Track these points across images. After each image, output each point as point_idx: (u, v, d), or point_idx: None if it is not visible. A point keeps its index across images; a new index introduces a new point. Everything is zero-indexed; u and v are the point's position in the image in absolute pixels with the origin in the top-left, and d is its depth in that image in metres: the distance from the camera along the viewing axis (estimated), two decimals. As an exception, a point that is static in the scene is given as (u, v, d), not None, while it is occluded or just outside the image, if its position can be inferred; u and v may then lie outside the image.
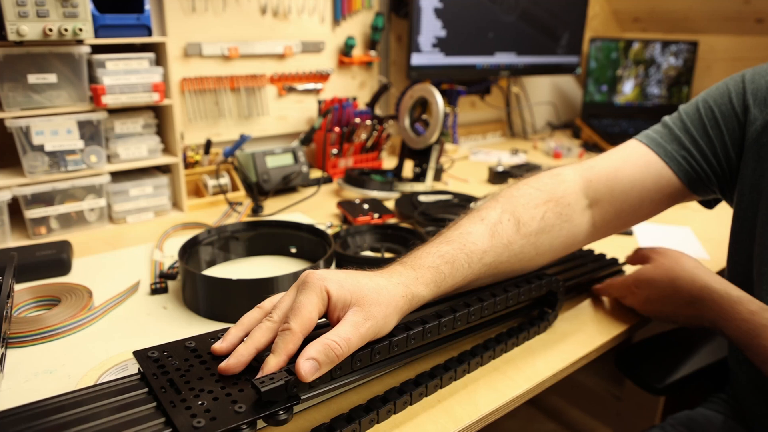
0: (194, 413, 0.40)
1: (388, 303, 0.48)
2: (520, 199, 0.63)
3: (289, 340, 0.44)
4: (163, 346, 0.48)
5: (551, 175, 0.67)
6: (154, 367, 0.45)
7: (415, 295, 0.51)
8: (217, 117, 1.28)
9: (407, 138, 1.27)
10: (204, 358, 0.47)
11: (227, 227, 0.87)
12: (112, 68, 0.95)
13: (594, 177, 0.67)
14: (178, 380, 0.43)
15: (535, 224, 0.62)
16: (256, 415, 0.41)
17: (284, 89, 1.37)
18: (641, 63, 1.94)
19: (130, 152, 1.01)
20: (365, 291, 0.48)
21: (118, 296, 0.74)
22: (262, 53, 1.31)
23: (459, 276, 0.55)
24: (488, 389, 0.58)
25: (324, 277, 0.47)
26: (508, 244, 0.60)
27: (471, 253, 0.57)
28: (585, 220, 0.67)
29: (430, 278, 0.53)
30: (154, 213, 1.06)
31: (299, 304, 0.46)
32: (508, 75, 1.68)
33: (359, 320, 0.46)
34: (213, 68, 1.25)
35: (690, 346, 0.84)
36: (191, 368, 0.45)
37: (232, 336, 0.48)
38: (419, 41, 1.45)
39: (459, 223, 0.61)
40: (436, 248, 0.56)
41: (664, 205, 0.68)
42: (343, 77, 1.48)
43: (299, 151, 1.25)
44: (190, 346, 0.48)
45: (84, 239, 0.95)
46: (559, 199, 0.64)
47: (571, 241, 0.66)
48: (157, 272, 0.81)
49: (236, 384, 0.44)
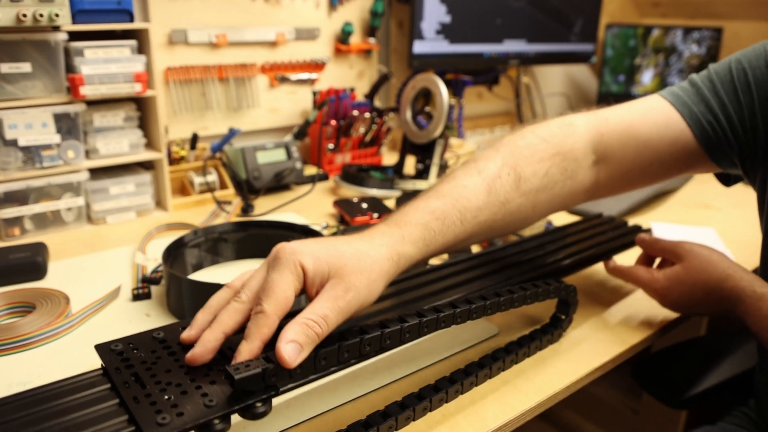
0: (159, 408, 0.39)
1: (371, 269, 0.47)
2: (524, 150, 0.62)
3: (263, 324, 0.43)
4: (129, 338, 0.47)
5: (561, 124, 0.66)
6: (118, 361, 0.44)
7: (402, 255, 0.50)
8: (204, 109, 1.28)
9: (409, 132, 1.27)
10: (173, 349, 0.46)
11: (215, 228, 0.87)
12: (90, 57, 0.95)
13: (607, 131, 0.66)
14: (144, 374, 0.43)
15: (537, 181, 0.61)
16: (230, 408, 0.39)
17: (276, 79, 1.37)
18: (661, 51, 1.94)
19: (111, 147, 1.02)
20: (344, 259, 0.46)
21: (97, 302, 0.74)
22: (252, 40, 1.31)
23: (450, 234, 0.54)
24: (496, 402, 0.58)
25: (297, 250, 0.45)
26: (505, 202, 0.59)
27: (464, 210, 0.56)
28: (589, 176, 0.66)
29: (419, 236, 0.52)
30: (136, 213, 1.07)
31: (272, 283, 0.44)
32: (518, 64, 1.68)
33: (338, 293, 0.45)
34: (199, 57, 1.25)
35: (712, 357, 0.84)
36: (158, 360, 0.44)
37: (199, 322, 0.47)
38: (422, 27, 1.45)
39: (453, 174, 0.59)
40: (425, 203, 0.54)
41: (675, 170, 0.67)
42: (339, 66, 1.48)
43: (292, 146, 1.25)
44: (158, 337, 0.47)
45: (61, 241, 0.95)
46: (566, 153, 0.63)
47: (570, 199, 0.66)
48: (140, 276, 0.81)
49: (208, 375, 0.43)
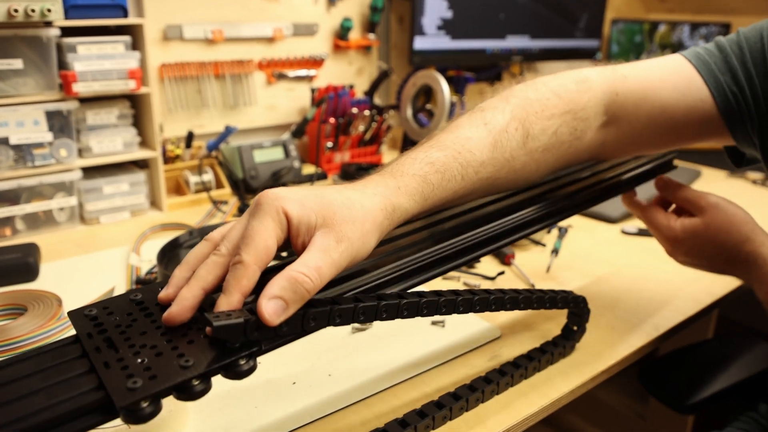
0: (131, 373, 0.37)
1: (364, 219, 0.44)
2: (535, 104, 0.59)
3: (242, 275, 0.40)
4: (105, 301, 0.46)
5: (576, 79, 0.63)
6: (90, 326, 0.43)
7: (397, 208, 0.47)
8: (199, 107, 1.28)
9: (410, 130, 1.27)
10: (150, 311, 0.44)
11: (211, 228, 0.87)
12: (83, 53, 0.95)
13: (623, 90, 0.63)
14: (117, 338, 0.41)
15: (545, 139, 0.59)
16: (208, 367, 0.37)
17: (274, 76, 1.37)
18: (668, 47, 1.94)
19: (104, 146, 1.02)
20: (334, 207, 0.43)
21: (90, 304, 0.74)
22: (249, 36, 1.31)
23: (449, 189, 0.52)
24: (499, 407, 0.58)
25: (280, 195, 0.43)
26: (510, 159, 0.57)
27: (466, 164, 0.53)
28: (597, 138, 0.64)
29: (415, 188, 0.49)
30: (130, 212, 1.07)
31: (252, 231, 0.41)
32: (521, 60, 1.68)
33: (330, 243, 0.42)
34: (195, 53, 1.25)
35: (720, 361, 0.84)
36: (134, 323, 0.43)
37: (176, 279, 0.44)
38: (423, 23, 1.45)
39: (457, 122, 0.56)
40: (424, 153, 0.52)
41: (688, 138, 0.65)
42: (338, 63, 1.48)
43: (290, 144, 1.25)
44: (135, 299, 0.46)
45: (53, 241, 0.96)
46: (577, 112, 0.61)
47: (574, 160, 0.64)
48: (134, 278, 0.81)
49: (186, 335, 0.41)
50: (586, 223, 1.09)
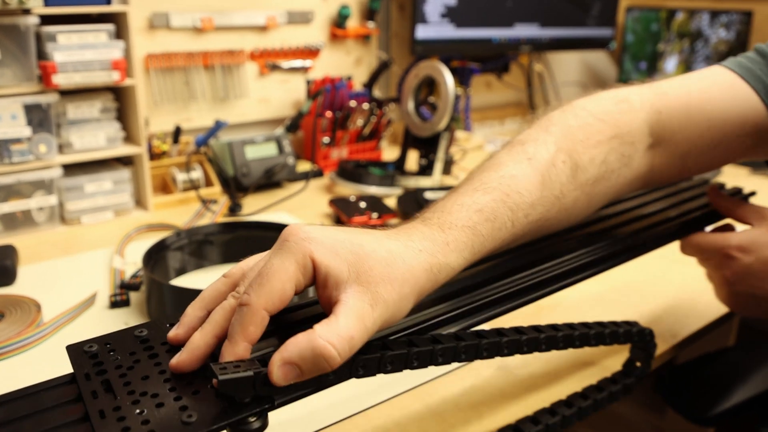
0: (128, 425, 0.36)
1: (405, 279, 0.41)
2: (578, 132, 0.57)
3: (249, 320, 0.38)
4: (107, 336, 0.44)
5: (615, 100, 0.62)
6: (89, 365, 0.42)
7: (444, 267, 0.44)
8: (187, 100, 1.28)
9: (411, 124, 1.27)
10: (156, 351, 0.43)
11: (200, 229, 0.87)
12: (64, 42, 0.95)
13: (666, 108, 0.62)
14: (116, 381, 0.40)
15: (594, 170, 0.57)
16: (212, 425, 0.36)
17: (267, 67, 1.37)
18: (686, 36, 1.94)
19: (86, 141, 1.02)
20: (371, 262, 0.40)
21: (71, 310, 0.74)
22: (240, 25, 1.31)
23: (498, 239, 0.49)
24: (503, 415, 0.58)
25: (311, 237, 0.40)
26: (560, 196, 0.54)
27: (516, 208, 0.50)
28: (644, 163, 0.62)
29: (465, 243, 0.46)
30: (113, 212, 1.07)
31: (269, 269, 0.39)
32: (530, 50, 1.68)
33: (365, 308, 0.39)
34: (183, 42, 1.25)
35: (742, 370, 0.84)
36: (136, 364, 0.42)
37: (189, 318, 0.42)
38: (425, 10, 1.45)
39: (498, 159, 0.54)
40: (471, 198, 0.49)
41: (740, 151, 0.63)
42: (335, 53, 1.48)
43: (284, 139, 1.25)
44: (140, 336, 0.45)
45: (31, 243, 0.95)
46: (624, 136, 0.59)
47: (625, 190, 0.62)
48: (117, 282, 0.81)
49: (191, 384, 0.39)
50: (599, 224, 1.09)
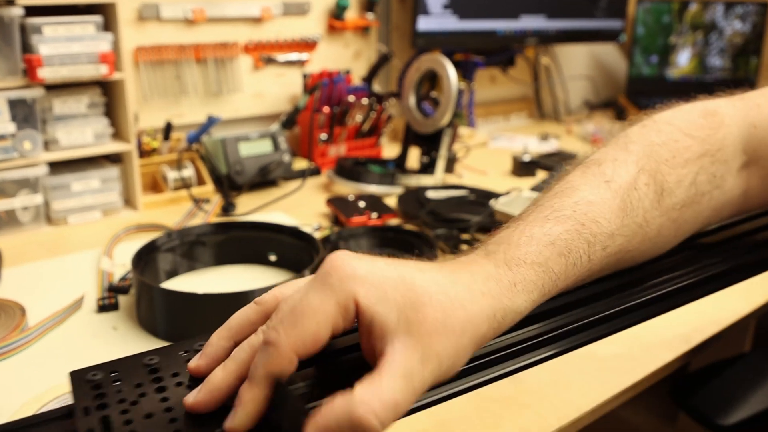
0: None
1: (463, 330, 0.36)
2: (663, 150, 0.52)
3: (274, 362, 0.34)
4: (114, 363, 0.43)
5: (702, 113, 0.56)
6: (91, 398, 0.40)
7: (509, 312, 0.39)
8: (179, 94, 1.28)
9: (412, 120, 1.27)
10: (164, 383, 0.41)
11: (192, 230, 0.87)
12: (50, 35, 0.95)
13: (761, 121, 0.57)
14: (117, 419, 0.37)
15: (682, 192, 0.52)
16: None
17: (261, 60, 1.37)
18: (700, 28, 1.94)
19: (73, 138, 1.01)
20: (426, 308, 0.35)
21: (57, 314, 0.73)
22: (234, 16, 1.31)
23: (573, 275, 0.44)
24: (513, 428, 0.58)
25: (357, 273, 0.36)
26: (643, 224, 0.49)
27: (593, 239, 0.45)
28: (738, 184, 0.57)
29: (534, 282, 0.41)
30: (101, 212, 1.06)
31: (304, 306, 0.35)
32: (536, 43, 1.68)
33: (414, 366, 0.34)
34: (174, 35, 1.25)
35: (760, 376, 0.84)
36: (141, 399, 0.39)
37: (213, 348, 0.40)
38: (427, 1, 1.45)
39: (571, 182, 0.49)
40: (541, 229, 0.44)
41: None
42: (333, 46, 1.48)
43: (280, 136, 1.25)
44: (150, 364, 0.43)
45: (15, 244, 0.95)
46: (715, 153, 0.54)
47: (715, 216, 0.57)
48: (106, 285, 0.81)
49: (202, 427, 0.37)
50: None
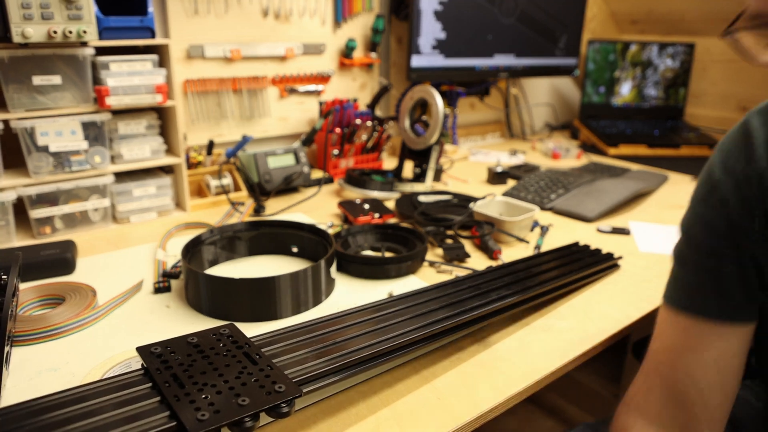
0: (198, 406, 0.40)
1: None
2: None
3: None
4: (166, 342, 0.48)
5: None
6: (158, 363, 0.45)
7: None
8: (219, 118, 1.28)
9: (407, 139, 1.27)
10: (206, 353, 0.47)
11: (229, 227, 0.87)
12: (115, 70, 0.95)
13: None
14: (182, 375, 0.44)
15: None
16: (259, 407, 0.42)
17: (286, 91, 1.37)
18: (638, 65, 1.94)
19: (134, 153, 1.02)
20: None
21: (121, 295, 0.74)
22: (263, 55, 1.31)
23: None
24: (487, 387, 0.58)
25: None
26: None
27: None
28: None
29: None
30: (157, 213, 1.07)
31: None
32: (507, 76, 1.68)
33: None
34: (215, 70, 1.25)
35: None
36: (194, 363, 0.46)
37: None
38: (419, 43, 1.45)
39: None
40: None
41: None
42: (344, 79, 1.48)
43: (301, 151, 1.25)
44: (192, 342, 0.49)
45: (88, 239, 0.95)
46: None
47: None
48: (161, 271, 0.81)
49: (239, 377, 0.45)
50: (565, 222, 1.08)
